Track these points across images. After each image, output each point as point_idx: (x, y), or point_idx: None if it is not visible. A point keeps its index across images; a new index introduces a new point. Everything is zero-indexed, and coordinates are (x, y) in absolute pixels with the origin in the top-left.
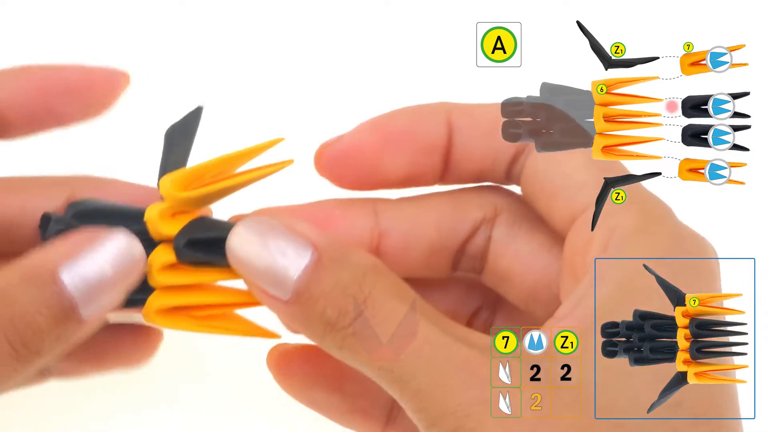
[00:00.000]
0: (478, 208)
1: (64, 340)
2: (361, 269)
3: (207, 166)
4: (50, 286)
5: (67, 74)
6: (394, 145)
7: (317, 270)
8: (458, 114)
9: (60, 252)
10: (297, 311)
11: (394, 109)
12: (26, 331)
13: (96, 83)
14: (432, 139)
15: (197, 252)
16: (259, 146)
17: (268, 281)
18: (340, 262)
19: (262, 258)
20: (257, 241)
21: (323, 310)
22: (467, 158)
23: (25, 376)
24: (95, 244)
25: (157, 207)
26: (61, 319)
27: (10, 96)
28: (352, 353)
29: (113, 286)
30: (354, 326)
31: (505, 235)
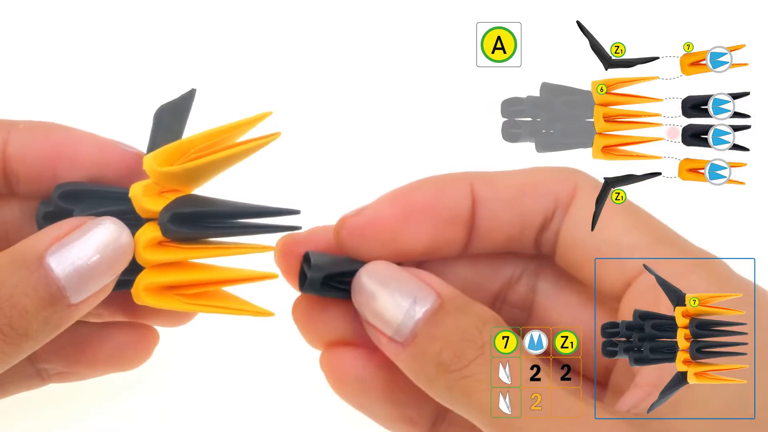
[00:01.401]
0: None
1: (54, 324)
2: (482, 318)
3: (191, 141)
4: (36, 269)
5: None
6: (415, 219)
7: (439, 315)
8: (481, 184)
9: (48, 237)
10: (412, 353)
11: (415, 181)
12: (12, 313)
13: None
14: (455, 211)
15: (183, 227)
16: (247, 120)
17: (388, 323)
18: (462, 310)
19: (386, 299)
20: (384, 283)
21: (440, 352)
22: (493, 228)
23: (15, 360)
24: (84, 231)
25: (141, 184)
26: (48, 302)
27: (24, 152)
28: (461, 395)
29: (102, 271)
30: (469, 369)
31: (553, 287)
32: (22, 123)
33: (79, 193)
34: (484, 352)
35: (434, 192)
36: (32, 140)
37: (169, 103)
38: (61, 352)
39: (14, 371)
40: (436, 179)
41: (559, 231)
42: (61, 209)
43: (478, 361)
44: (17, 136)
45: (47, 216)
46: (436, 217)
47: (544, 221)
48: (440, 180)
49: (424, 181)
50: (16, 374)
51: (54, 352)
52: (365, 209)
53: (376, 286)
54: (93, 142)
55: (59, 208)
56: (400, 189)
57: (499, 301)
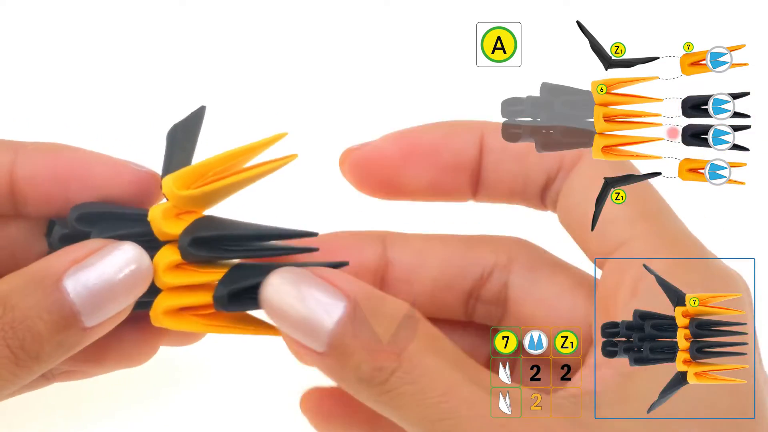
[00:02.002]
0: (490, 252)
1: (67, 348)
2: (396, 321)
3: (209, 163)
4: (52, 292)
5: (94, 164)
6: (418, 158)
7: (351, 322)
8: (492, 134)
9: (66, 260)
10: (332, 364)
11: (425, 124)
12: (25, 336)
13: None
14: (460, 157)
15: (202, 250)
16: (263, 142)
17: (303, 333)
18: (375, 313)
19: (297, 309)
20: (292, 292)
21: (358, 365)
22: (498, 179)
23: (26, 381)
24: (103, 255)
25: (160, 207)
26: (62, 326)
27: (32, 173)
28: (390, 408)
29: (119, 296)
30: (390, 383)
31: (525, 281)
32: (31, 144)
33: (96, 215)
34: (403, 362)
35: (442, 135)
36: (42, 161)
37: (181, 122)
38: None
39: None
40: (448, 123)
41: (560, 193)
42: (77, 232)
43: (397, 374)
44: (26, 157)
45: (63, 238)
46: (440, 160)
47: (548, 180)
48: (451, 125)
49: (434, 124)
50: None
51: None
52: (370, 143)
53: (284, 297)
54: (105, 161)
55: (76, 230)
56: (409, 129)
57: (472, 299)
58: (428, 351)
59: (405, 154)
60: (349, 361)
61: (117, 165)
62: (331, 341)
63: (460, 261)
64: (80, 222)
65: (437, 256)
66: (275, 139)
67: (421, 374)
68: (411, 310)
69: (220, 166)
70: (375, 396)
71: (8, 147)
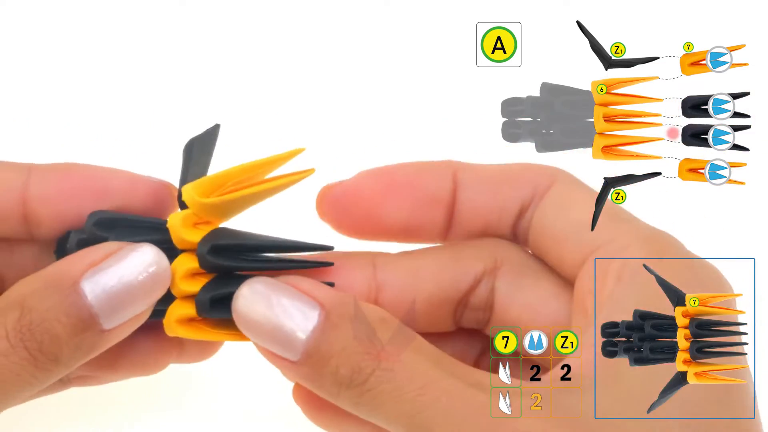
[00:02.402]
0: (478, 260)
1: (85, 350)
2: (372, 322)
3: (228, 174)
4: (70, 294)
5: (110, 178)
6: (396, 193)
7: (326, 329)
8: (464, 170)
9: (84, 262)
10: (308, 372)
11: (399, 162)
12: (44, 338)
13: (138, 196)
14: (436, 191)
15: (220, 258)
16: (280, 156)
17: (277, 343)
18: (350, 318)
19: (268, 320)
20: (263, 303)
21: (336, 369)
22: (472, 213)
23: (46, 384)
24: (121, 257)
25: (180, 214)
26: (80, 329)
27: (45, 194)
28: (369, 409)
29: (137, 299)
30: (369, 383)
31: (511, 286)
32: (43, 165)
33: (113, 222)
34: (381, 361)
35: (416, 171)
36: (55, 179)
37: (197, 136)
38: None
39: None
40: (420, 162)
41: (533, 217)
42: (95, 237)
43: (376, 374)
44: (39, 177)
45: (81, 243)
46: (416, 194)
47: (522, 209)
48: (424, 163)
49: (407, 163)
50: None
51: None
52: (347, 180)
53: (256, 307)
54: (120, 175)
55: (94, 235)
56: (383, 166)
57: (461, 306)
58: (404, 348)
59: (383, 189)
60: (326, 366)
61: (131, 178)
62: (306, 349)
63: (451, 275)
64: (98, 227)
65: (428, 274)
66: (293, 154)
67: (399, 370)
68: (383, 313)
69: (239, 177)
70: (354, 398)
71: (20, 168)
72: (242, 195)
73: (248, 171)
